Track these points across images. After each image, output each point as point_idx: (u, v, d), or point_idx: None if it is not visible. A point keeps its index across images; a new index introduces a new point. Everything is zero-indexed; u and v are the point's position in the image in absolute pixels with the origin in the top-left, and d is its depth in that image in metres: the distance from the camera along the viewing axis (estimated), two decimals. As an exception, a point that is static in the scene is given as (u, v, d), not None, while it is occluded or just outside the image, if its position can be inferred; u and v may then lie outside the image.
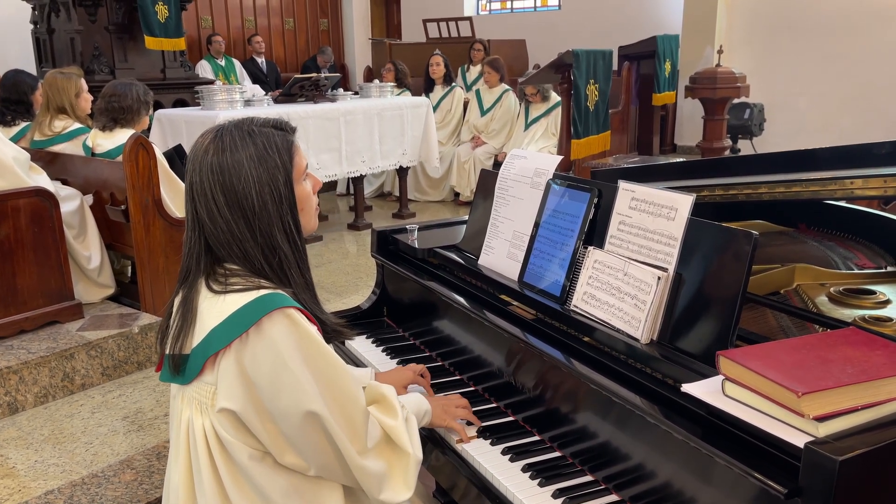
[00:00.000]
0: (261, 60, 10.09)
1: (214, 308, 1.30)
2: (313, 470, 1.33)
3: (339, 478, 1.36)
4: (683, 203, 1.40)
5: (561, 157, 1.84)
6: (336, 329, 1.47)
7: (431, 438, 1.63)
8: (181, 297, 1.38)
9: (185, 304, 1.36)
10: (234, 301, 1.29)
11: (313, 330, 1.31)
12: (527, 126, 6.88)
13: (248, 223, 1.32)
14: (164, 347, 1.39)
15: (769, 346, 1.19)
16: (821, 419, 1.01)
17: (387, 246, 2.27)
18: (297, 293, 1.36)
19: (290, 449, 1.31)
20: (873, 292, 1.65)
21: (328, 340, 1.41)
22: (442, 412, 1.60)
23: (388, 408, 1.44)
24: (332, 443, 1.30)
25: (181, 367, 1.34)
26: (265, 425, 1.29)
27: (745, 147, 7.96)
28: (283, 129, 1.39)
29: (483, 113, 7.21)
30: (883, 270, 1.82)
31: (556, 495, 1.38)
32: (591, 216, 1.62)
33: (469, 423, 1.63)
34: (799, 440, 1.00)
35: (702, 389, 1.17)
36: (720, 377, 1.16)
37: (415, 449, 1.41)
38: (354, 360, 2.07)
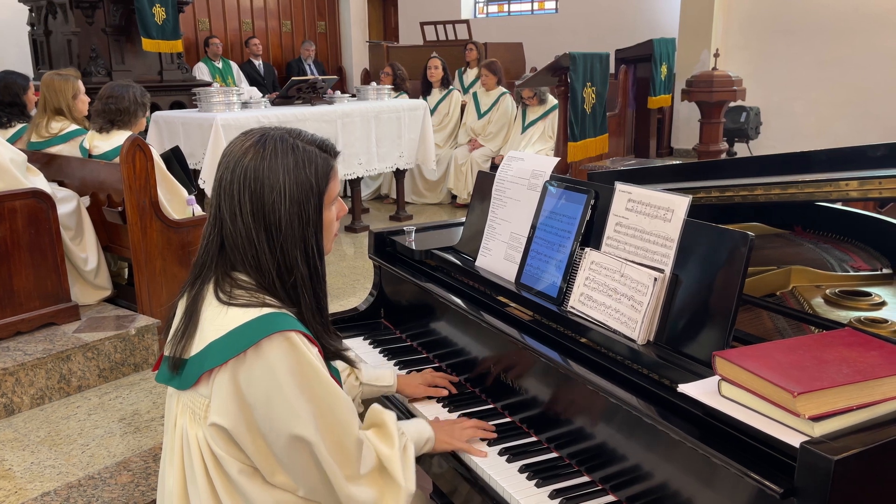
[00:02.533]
0: (258, 63, 10.10)
1: (216, 320, 1.28)
2: (302, 491, 1.32)
3: (327, 502, 1.34)
4: (680, 204, 1.40)
5: (558, 159, 1.85)
6: (340, 356, 1.45)
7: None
8: (186, 300, 1.36)
9: (189, 309, 1.34)
10: (236, 317, 1.26)
11: (313, 355, 1.29)
12: (524, 129, 6.90)
13: (269, 237, 1.30)
14: (164, 348, 1.39)
15: (765, 346, 1.20)
16: (816, 419, 1.01)
17: (384, 247, 2.27)
18: (305, 315, 1.34)
19: (280, 469, 1.30)
20: (869, 294, 1.66)
21: (328, 359, 1.40)
22: (447, 437, 1.55)
23: (385, 435, 1.42)
24: (320, 468, 1.29)
25: (179, 371, 1.33)
26: (256, 443, 1.28)
27: (742, 150, 7.99)
28: (327, 152, 1.37)
29: (480, 115, 7.22)
30: (878, 272, 1.82)
31: (553, 496, 1.38)
32: (587, 218, 1.63)
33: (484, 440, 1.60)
34: (794, 440, 1.01)
35: (698, 390, 1.18)
36: (716, 377, 1.16)
37: (407, 482, 1.38)
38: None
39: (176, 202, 3.68)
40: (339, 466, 1.30)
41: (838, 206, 2.10)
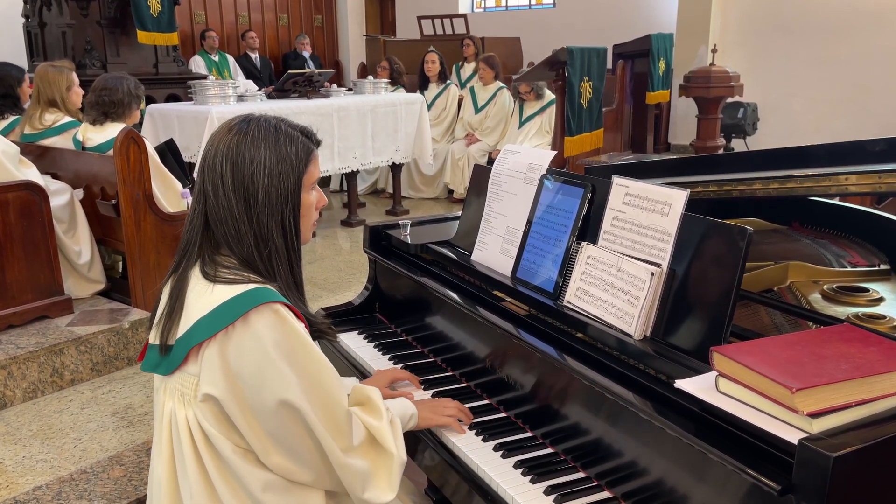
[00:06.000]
0: (255, 56, 10.06)
1: (202, 299, 1.29)
2: (301, 472, 1.31)
3: (324, 481, 1.34)
4: (678, 198, 1.39)
5: (555, 153, 1.83)
6: (321, 329, 1.46)
7: (424, 436, 1.62)
8: (171, 285, 1.37)
9: (173, 294, 1.35)
10: (222, 293, 1.28)
11: (300, 327, 1.31)
12: (521, 124, 6.88)
13: (248, 207, 1.32)
14: (149, 336, 1.38)
15: (763, 341, 1.18)
16: (815, 415, 1.00)
17: (379, 241, 2.26)
18: (283, 289, 1.35)
19: (275, 447, 1.29)
20: (866, 290, 1.65)
21: (314, 338, 1.41)
22: (430, 413, 1.59)
23: (372, 409, 1.43)
24: (314, 438, 1.29)
25: (165, 356, 1.33)
26: (248, 420, 1.28)
27: (739, 146, 7.97)
28: (309, 137, 1.41)
29: (477, 110, 7.19)
30: (876, 268, 1.81)
31: (547, 492, 1.37)
32: (584, 212, 1.61)
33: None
34: (793, 436, 1.00)
35: (695, 385, 1.16)
36: (713, 373, 1.15)
37: (399, 450, 1.40)
38: (346, 358, 2.05)
39: (170, 195, 3.65)
40: (333, 438, 1.30)
41: (836, 201, 2.09)
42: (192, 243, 1.36)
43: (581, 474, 1.42)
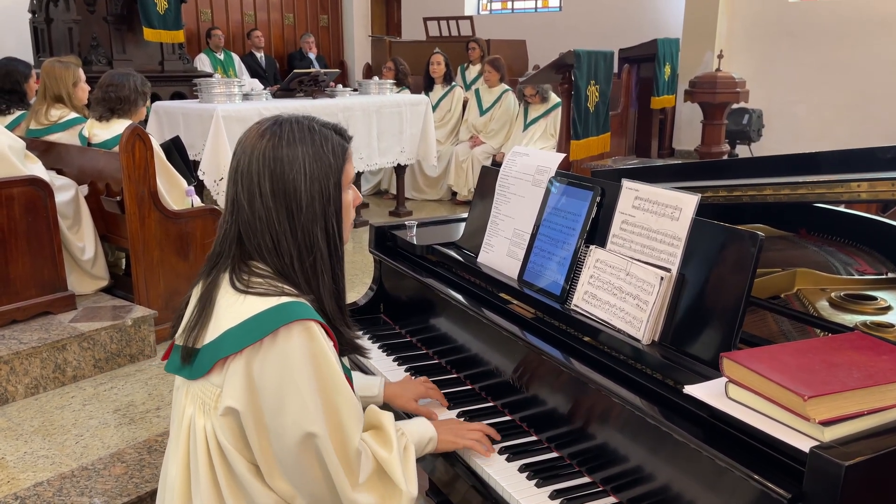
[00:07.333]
0: (260, 55, 10.07)
1: (232, 308, 1.26)
2: (301, 500, 1.29)
3: None
4: (688, 203, 1.38)
5: (563, 155, 1.83)
6: (353, 346, 1.43)
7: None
8: (201, 288, 1.34)
9: (203, 297, 1.32)
10: (254, 305, 1.24)
11: (329, 348, 1.27)
12: (525, 127, 6.87)
13: (291, 216, 1.28)
14: (176, 337, 1.36)
15: (773, 348, 1.18)
16: (826, 423, 0.99)
17: (385, 242, 2.25)
18: (323, 299, 1.32)
19: (280, 472, 1.27)
20: (874, 298, 1.64)
21: (342, 354, 1.38)
22: (452, 436, 1.50)
23: (384, 438, 1.38)
24: (325, 470, 1.26)
25: (191, 361, 1.30)
26: (260, 438, 1.26)
27: (743, 152, 7.97)
28: (341, 135, 1.38)
29: (482, 112, 7.19)
30: (884, 276, 1.80)
31: (553, 496, 1.36)
32: (593, 215, 1.60)
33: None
34: (804, 444, 0.99)
35: (704, 391, 1.16)
36: (723, 379, 1.14)
37: (408, 485, 1.34)
38: (350, 358, 2.05)
39: (175, 193, 3.65)
40: (345, 471, 1.27)
41: (843, 209, 2.08)
42: (224, 255, 1.33)
43: (587, 479, 1.41)
